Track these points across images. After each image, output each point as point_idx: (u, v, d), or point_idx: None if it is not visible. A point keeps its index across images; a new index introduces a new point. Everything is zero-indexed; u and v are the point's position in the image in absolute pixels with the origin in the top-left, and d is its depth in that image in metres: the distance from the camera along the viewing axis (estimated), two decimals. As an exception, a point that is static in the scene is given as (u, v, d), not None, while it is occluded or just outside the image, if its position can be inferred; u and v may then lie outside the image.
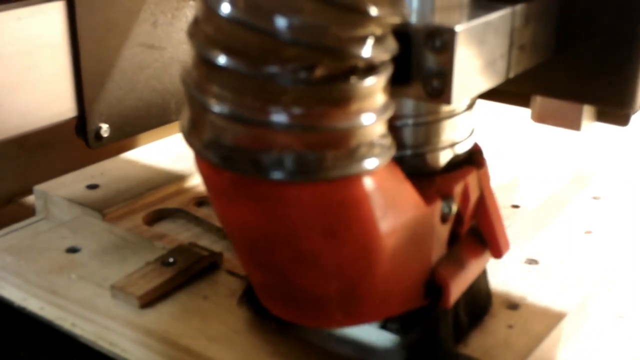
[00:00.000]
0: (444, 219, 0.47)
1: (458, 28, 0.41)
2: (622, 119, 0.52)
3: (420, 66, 0.42)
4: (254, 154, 0.40)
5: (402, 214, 0.44)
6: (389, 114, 0.42)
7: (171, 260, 0.61)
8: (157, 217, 0.72)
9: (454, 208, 0.48)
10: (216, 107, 0.40)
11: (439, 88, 0.42)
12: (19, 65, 0.71)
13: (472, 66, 0.43)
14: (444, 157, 0.49)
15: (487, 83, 0.45)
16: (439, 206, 0.47)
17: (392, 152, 0.43)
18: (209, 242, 0.67)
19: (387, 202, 0.43)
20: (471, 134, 0.52)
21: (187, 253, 0.62)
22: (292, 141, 0.40)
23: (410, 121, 0.48)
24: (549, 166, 0.82)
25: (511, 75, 0.47)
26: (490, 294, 0.57)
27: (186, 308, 0.58)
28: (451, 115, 0.49)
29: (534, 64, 0.49)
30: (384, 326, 0.53)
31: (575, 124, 0.53)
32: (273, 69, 0.39)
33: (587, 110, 0.53)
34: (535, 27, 0.48)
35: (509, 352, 0.53)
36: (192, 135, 0.43)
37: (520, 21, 0.47)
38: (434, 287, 0.48)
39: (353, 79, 0.39)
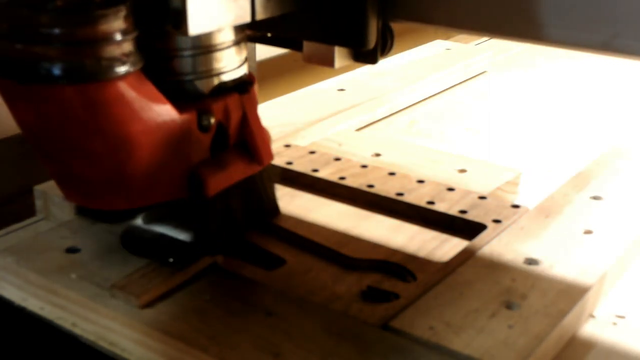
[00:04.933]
0: (203, 129, 0.59)
1: None
2: (371, 59, 0.62)
3: (169, 6, 0.53)
4: (29, 65, 0.51)
5: (153, 117, 0.55)
6: (131, 36, 0.53)
7: (171, 260, 0.61)
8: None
9: (212, 120, 0.60)
10: None
11: (180, 22, 0.52)
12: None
13: (209, 5, 0.53)
14: (210, 84, 0.61)
15: (227, 21, 0.55)
16: (194, 116, 0.58)
17: (138, 66, 0.54)
18: (209, 242, 0.67)
19: (137, 104, 0.54)
20: (240, 66, 0.63)
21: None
22: (55, 53, 0.51)
23: (183, 53, 0.59)
24: (549, 166, 0.82)
25: (258, 17, 0.57)
26: (275, 203, 0.71)
27: (186, 308, 0.58)
28: (215, 49, 0.60)
29: (283, 12, 0.59)
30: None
31: (330, 63, 0.64)
32: (30, 1, 0.50)
33: (340, 51, 0.63)
34: None
35: (509, 352, 0.53)
36: None
37: None
38: (195, 181, 0.60)
39: (92, 8, 0.51)
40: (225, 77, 0.62)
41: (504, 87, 1.14)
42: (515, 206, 0.73)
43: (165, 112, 0.57)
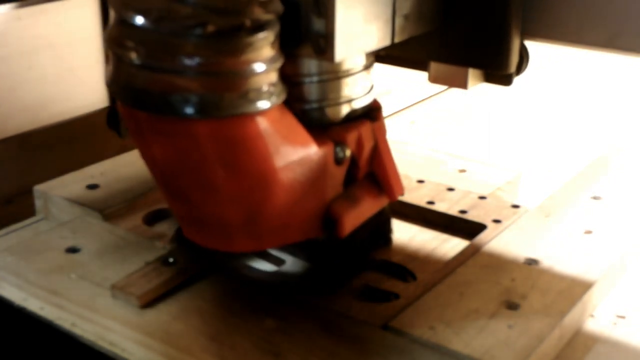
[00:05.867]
0: (338, 162, 0.55)
1: None
2: (505, 80, 0.60)
3: (309, 28, 0.50)
4: (162, 96, 0.48)
5: (294, 152, 0.51)
6: (277, 64, 0.50)
7: (171, 260, 0.61)
8: (157, 217, 0.72)
9: (348, 152, 0.55)
10: (129, 58, 0.48)
11: (324, 47, 0.49)
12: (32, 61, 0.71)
13: (353, 29, 0.50)
14: (341, 111, 0.57)
15: (370, 45, 0.52)
16: (331, 149, 0.54)
17: (282, 97, 0.51)
18: (209, 242, 0.67)
19: (278, 141, 0.50)
20: (369, 91, 0.59)
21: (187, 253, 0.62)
22: (194, 85, 0.47)
23: (311, 79, 0.55)
24: (549, 166, 0.82)
25: (397, 40, 0.54)
26: (390, 228, 0.66)
27: (186, 308, 0.58)
28: (347, 74, 0.56)
29: (421, 32, 0.56)
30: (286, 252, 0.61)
31: (462, 84, 0.61)
32: (171, 25, 0.47)
33: (473, 73, 0.60)
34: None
35: (509, 352, 0.53)
36: (112, 83, 0.50)
37: None
38: (329, 219, 0.55)
39: (242, 35, 0.47)
40: (356, 104, 0.58)
41: (503, 86, 1.14)
42: (515, 206, 0.73)
43: (306, 145, 0.52)
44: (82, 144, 0.81)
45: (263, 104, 0.49)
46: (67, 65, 0.74)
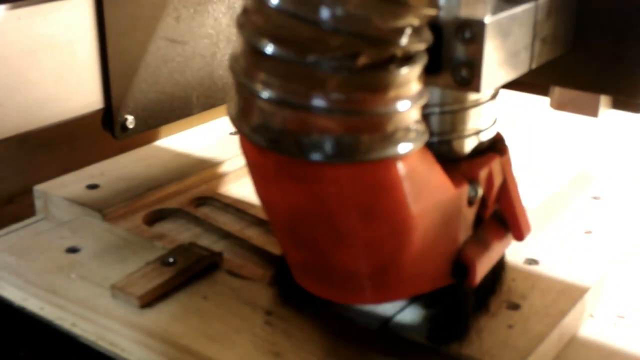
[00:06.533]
0: (470, 202, 0.50)
1: (487, 20, 0.44)
2: (636, 107, 0.55)
3: (450, 56, 0.45)
4: (298, 137, 0.43)
5: (433, 196, 0.47)
6: (423, 101, 0.45)
7: (171, 260, 0.61)
8: (157, 217, 0.72)
9: (480, 192, 0.50)
10: (264, 93, 0.43)
11: (467, 77, 0.44)
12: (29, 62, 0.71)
13: (499, 57, 0.46)
14: (469, 144, 0.52)
15: (512, 73, 0.48)
16: (466, 189, 0.49)
17: (426, 138, 0.46)
18: (209, 242, 0.67)
19: (419, 184, 0.45)
20: (494, 122, 0.54)
21: (187, 253, 0.62)
22: (333, 125, 0.42)
23: (438, 109, 0.50)
24: (549, 166, 0.82)
25: (534, 66, 0.50)
26: (504, 266, 0.59)
27: (186, 308, 0.58)
28: (476, 104, 0.52)
29: (554, 55, 0.52)
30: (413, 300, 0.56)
31: (592, 112, 0.56)
32: (318, 57, 0.41)
33: (604, 98, 0.55)
34: (556, 20, 0.51)
35: (509, 352, 0.53)
36: (240, 120, 0.46)
37: (543, 14, 0.49)
38: (461, 266, 0.50)
39: (392, 67, 0.42)
40: (483, 136, 0.53)
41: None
42: (515, 206, 0.73)
43: (445, 188, 0.48)
44: (82, 144, 0.80)
45: (406, 147, 0.44)
46: (67, 65, 0.74)
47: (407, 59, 0.43)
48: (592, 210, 0.72)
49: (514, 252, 0.64)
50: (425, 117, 0.48)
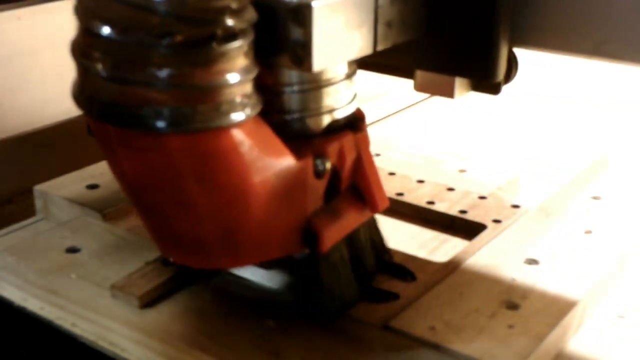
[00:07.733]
0: (318, 175, 0.53)
1: (315, 4, 0.46)
2: (493, 89, 0.58)
3: (287, 38, 0.47)
4: (131, 109, 0.45)
5: (271, 166, 0.50)
6: (252, 75, 0.48)
7: (171, 260, 0.61)
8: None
9: (328, 165, 0.53)
10: (98, 70, 0.46)
11: (302, 56, 0.47)
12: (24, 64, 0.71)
13: (333, 38, 0.48)
14: (322, 122, 0.55)
15: (350, 53, 0.50)
16: (310, 162, 0.52)
17: (258, 109, 0.48)
18: (209, 242, 0.67)
19: (255, 153, 0.48)
20: (351, 101, 0.56)
21: (187, 253, 0.62)
22: (164, 97, 0.45)
23: (291, 88, 0.53)
24: (549, 166, 0.82)
25: (379, 48, 0.52)
26: (385, 247, 0.63)
27: (186, 308, 0.58)
28: (329, 83, 0.54)
29: (405, 39, 0.54)
30: (272, 268, 0.60)
31: (449, 93, 0.59)
32: (141, 36, 0.44)
33: (460, 81, 0.58)
34: (402, 7, 0.53)
35: (509, 352, 0.53)
36: (79, 96, 0.48)
37: (385, 0, 0.52)
38: (310, 234, 0.53)
39: (214, 45, 0.45)
40: (338, 114, 0.55)
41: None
42: (515, 206, 0.73)
43: (283, 159, 0.50)
44: (82, 144, 0.80)
45: (237, 116, 0.47)
46: (67, 65, 0.74)
47: (230, 37, 0.45)
48: (592, 210, 0.72)
49: (514, 252, 0.64)
50: (280, 95, 0.53)
